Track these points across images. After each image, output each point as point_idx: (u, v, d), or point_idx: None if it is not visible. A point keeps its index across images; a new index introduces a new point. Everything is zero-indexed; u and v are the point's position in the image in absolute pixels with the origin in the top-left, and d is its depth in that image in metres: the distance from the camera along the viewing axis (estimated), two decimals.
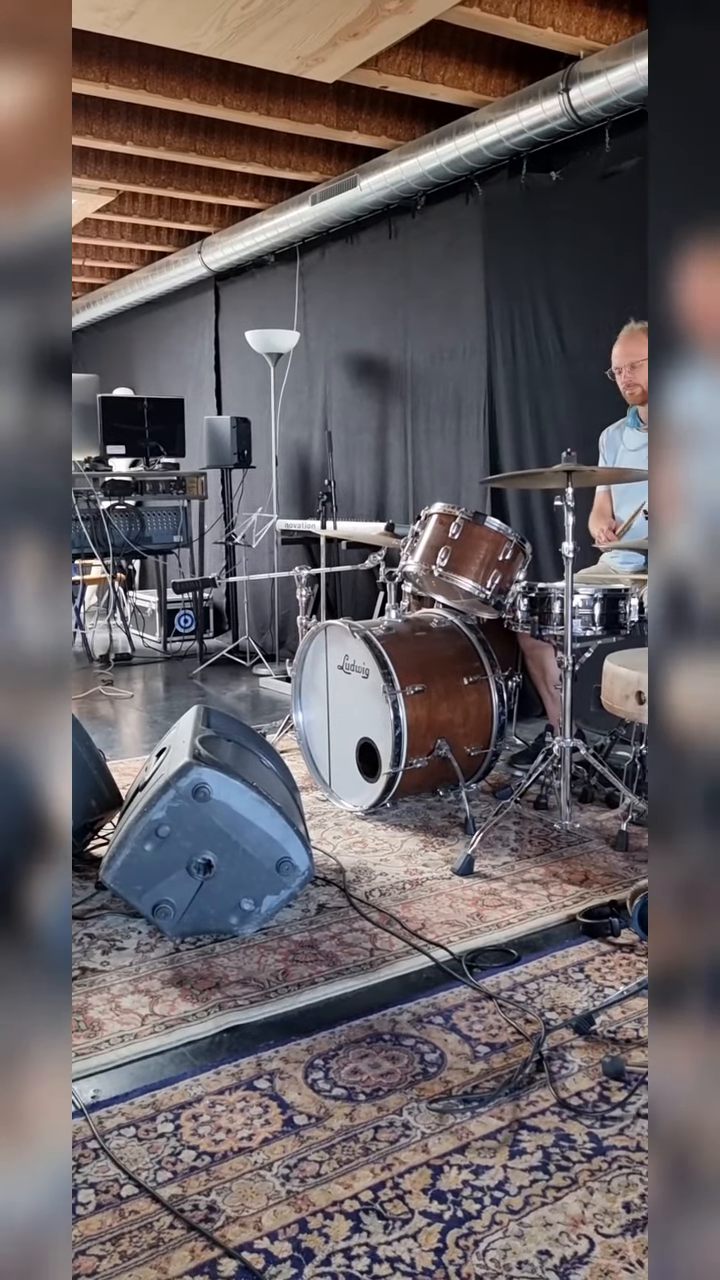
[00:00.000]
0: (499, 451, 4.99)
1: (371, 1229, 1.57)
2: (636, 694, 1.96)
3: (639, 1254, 1.51)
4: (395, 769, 3.24)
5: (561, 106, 4.13)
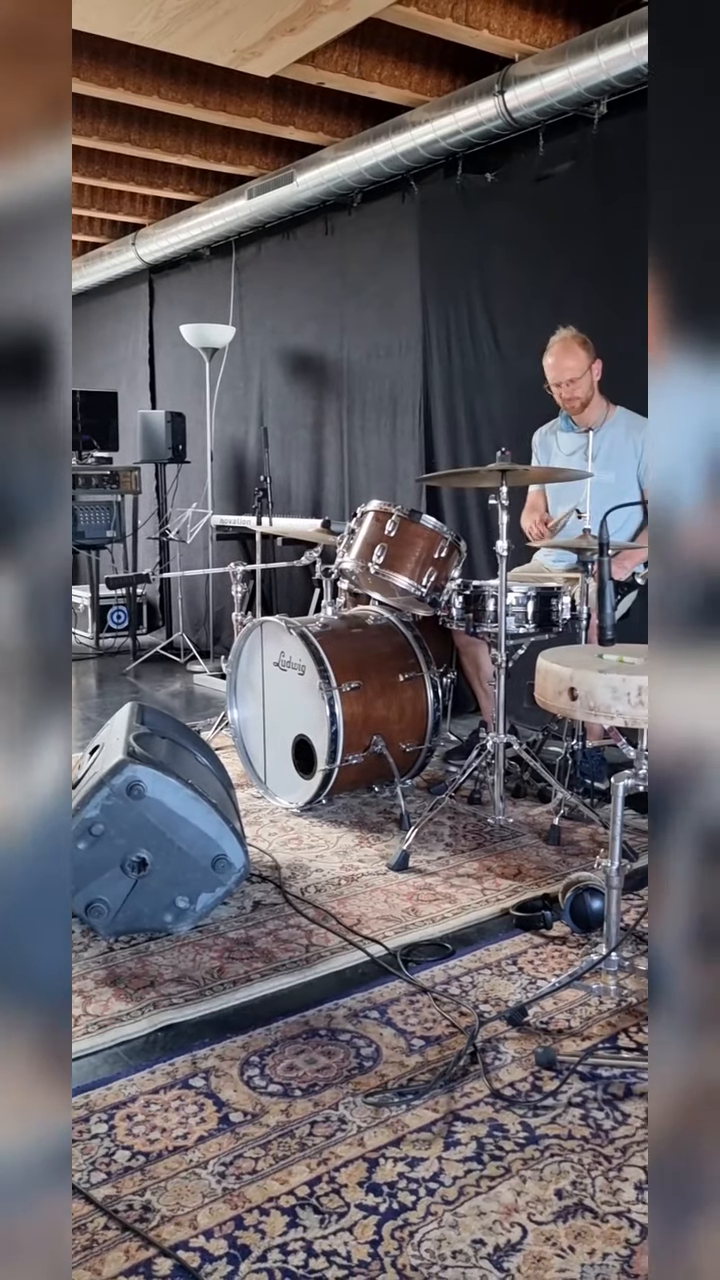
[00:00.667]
0: (434, 449, 5.03)
1: (308, 1223, 1.58)
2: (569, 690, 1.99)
3: (570, 1239, 1.54)
4: (331, 765, 3.25)
5: (497, 108, 4.17)
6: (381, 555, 3.33)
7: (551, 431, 3.94)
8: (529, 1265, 1.49)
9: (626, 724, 1.95)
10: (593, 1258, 1.51)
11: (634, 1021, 2.14)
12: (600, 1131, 1.79)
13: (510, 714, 3.56)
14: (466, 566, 3.54)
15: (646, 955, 2.42)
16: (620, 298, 4.10)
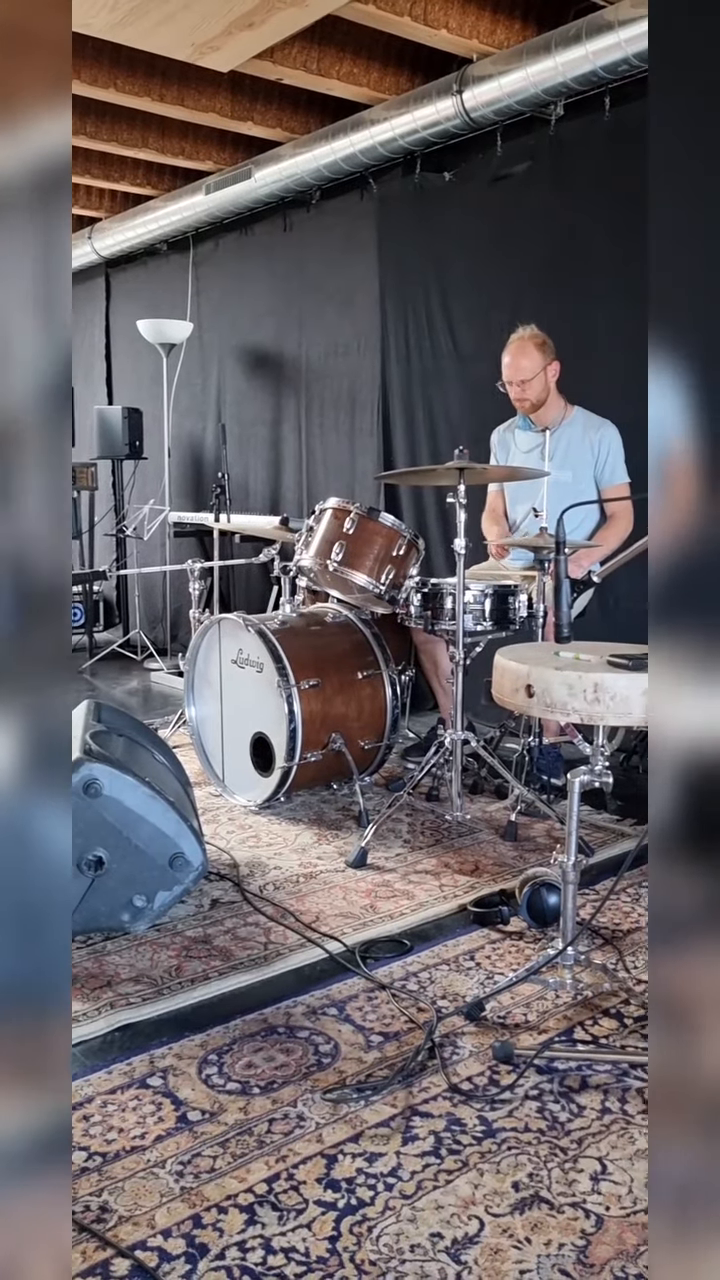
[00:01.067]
0: (393, 447, 5.04)
1: (266, 1221, 1.58)
2: (526, 687, 2.01)
3: (527, 1231, 1.56)
4: (289, 763, 3.24)
5: (455, 108, 4.18)
6: (340, 553, 3.33)
7: (509, 430, 3.97)
8: (486, 1257, 1.51)
9: (582, 720, 1.97)
10: (549, 1248, 1.52)
11: (590, 1015, 2.16)
12: (556, 1124, 1.81)
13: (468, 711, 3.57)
14: (425, 564, 3.55)
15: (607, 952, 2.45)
16: (578, 298, 4.14)
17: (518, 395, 3.73)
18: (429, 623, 3.30)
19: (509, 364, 3.72)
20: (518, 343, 3.72)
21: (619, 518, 3.68)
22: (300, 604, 3.75)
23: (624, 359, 4.00)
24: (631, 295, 3.97)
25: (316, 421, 5.53)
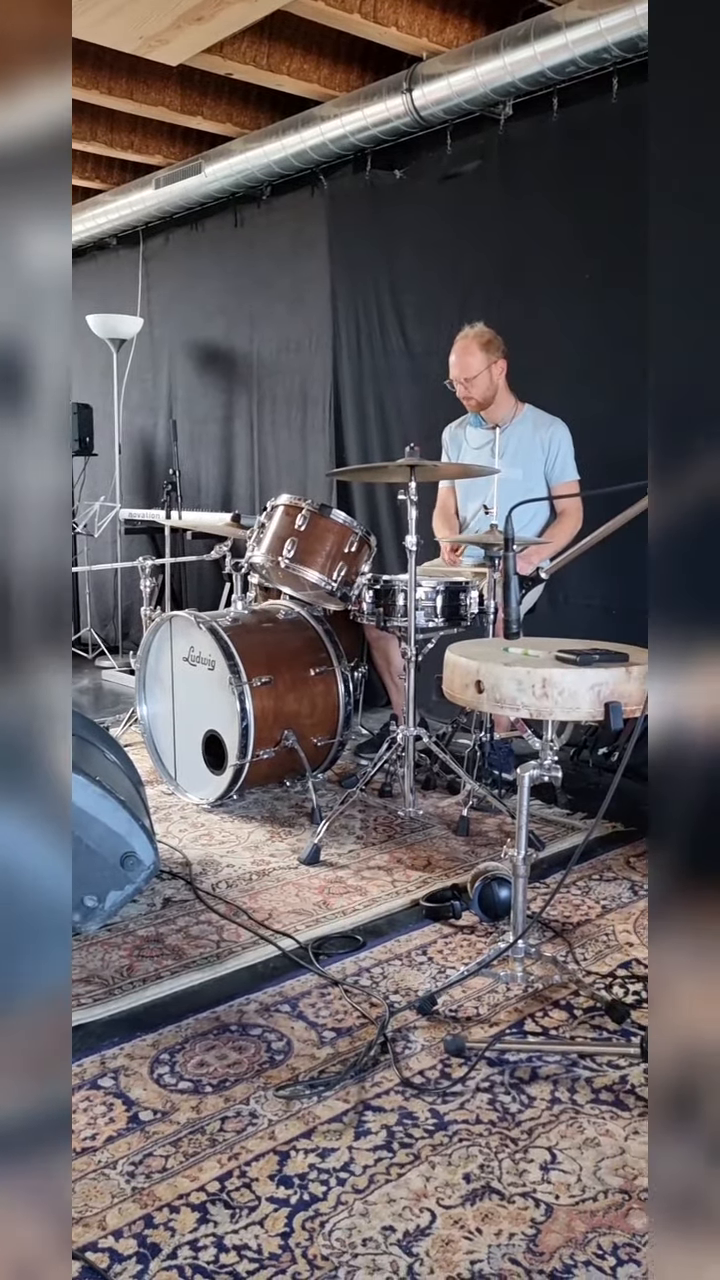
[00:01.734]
0: (345, 444, 5.04)
1: (218, 1219, 1.58)
2: (475, 683, 2.02)
3: (478, 1222, 1.57)
4: (242, 761, 3.24)
5: (405, 106, 4.19)
6: (292, 549, 3.33)
7: (461, 426, 3.99)
8: (438, 1249, 1.52)
9: (531, 715, 1.99)
10: (499, 1238, 1.54)
11: (540, 1007, 2.18)
12: (507, 1115, 1.82)
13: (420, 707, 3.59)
14: (377, 561, 3.56)
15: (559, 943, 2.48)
16: (527, 297, 4.17)
17: (463, 394, 3.76)
18: (381, 619, 3.31)
19: (454, 362, 3.75)
20: (463, 341, 3.74)
21: (569, 514, 3.72)
22: (252, 601, 3.74)
23: (574, 357, 4.04)
24: (580, 294, 4.00)
25: (268, 418, 5.52)
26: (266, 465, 5.56)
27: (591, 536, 2.04)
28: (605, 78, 3.77)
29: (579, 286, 4.01)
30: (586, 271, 3.98)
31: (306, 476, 5.26)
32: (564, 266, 4.04)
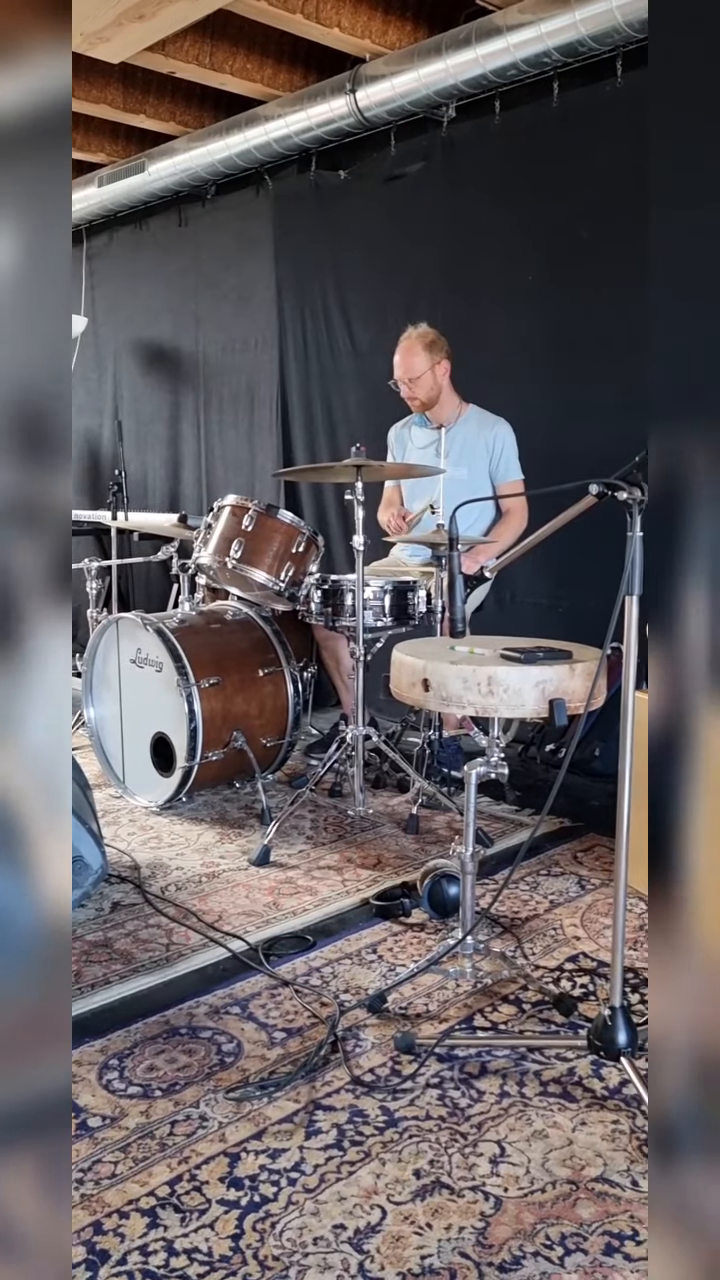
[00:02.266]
0: (292, 444, 5.03)
1: (168, 1223, 1.57)
2: (422, 681, 2.03)
3: (428, 1217, 1.58)
4: (191, 763, 3.22)
5: (348, 107, 4.20)
6: (239, 550, 3.32)
7: (406, 426, 4.01)
8: (388, 1245, 1.53)
9: (477, 713, 2.01)
10: (449, 1232, 1.55)
11: (489, 1002, 2.20)
12: (457, 1110, 1.84)
13: (370, 706, 3.60)
14: (325, 561, 3.56)
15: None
16: (471, 298, 4.20)
17: (407, 394, 3.78)
18: (330, 619, 3.31)
19: (398, 363, 3.76)
20: (406, 342, 3.76)
21: (514, 514, 3.75)
22: (200, 602, 3.72)
23: (517, 358, 4.07)
24: (523, 295, 4.04)
25: (215, 418, 5.49)
26: (214, 465, 5.54)
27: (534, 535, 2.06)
28: (546, 81, 3.81)
29: (522, 287, 4.04)
30: (529, 273, 4.02)
31: (254, 476, 5.25)
32: (507, 267, 4.08)
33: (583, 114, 3.77)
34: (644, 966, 2.35)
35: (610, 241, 3.74)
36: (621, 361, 3.74)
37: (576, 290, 3.88)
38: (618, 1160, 1.70)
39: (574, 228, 3.85)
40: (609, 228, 3.75)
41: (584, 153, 3.80)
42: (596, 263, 3.80)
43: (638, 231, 3.65)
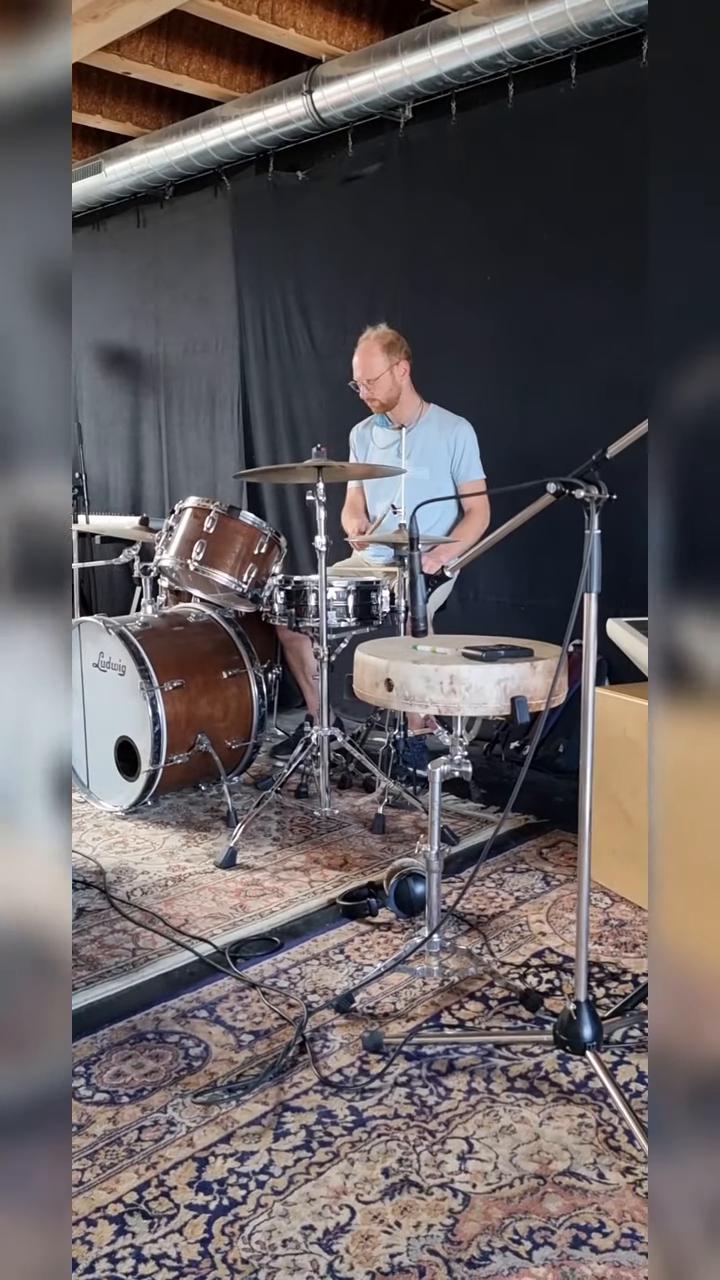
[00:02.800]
0: (254, 445, 5.03)
1: (136, 1229, 1.56)
2: (385, 681, 2.04)
3: (397, 1215, 1.58)
4: (155, 766, 3.21)
5: (305, 108, 4.20)
6: (201, 552, 3.31)
7: (368, 427, 4.01)
8: (357, 1245, 1.53)
9: (440, 712, 2.02)
10: (418, 1230, 1.55)
11: (456, 999, 2.21)
12: (425, 1108, 1.84)
13: (335, 706, 3.61)
14: (288, 562, 3.56)
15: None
16: (430, 298, 4.21)
17: (366, 395, 3.78)
18: (293, 620, 3.31)
19: (356, 364, 3.77)
20: (365, 343, 3.77)
21: (475, 513, 3.77)
22: (163, 604, 3.71)
23: (477, 357, 4.09)
24: (482, 294, 4.06)
25: (176, 420, 5.47)
26: (175, 467, 5.52)
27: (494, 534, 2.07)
28: (501, 83, 3.83)
29: (481, 287, 4.07)
30: (488, 273, 4.04)
31: (216, 478, 5.23)
32: (466, 268, 4.10)
33: (539, 115, 3.80)
34: (609, 961, 2.37)
35: (568, 241, 3.77)
36: (581, 361, 3.78)
37: (535, 290, 3.91)
38: (584, 1154, 1.72)
39: (531, 228, 3.88)
40: (566, 227, 3.77)
41: (541, 153, 3.83)
42: (554, 262, 3.82)
43: (595, 231, 3.69)
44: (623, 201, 3.58)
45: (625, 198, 3.57)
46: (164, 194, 5.24)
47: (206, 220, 5.11)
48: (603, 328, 3.70)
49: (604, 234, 3.66)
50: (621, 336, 3.62)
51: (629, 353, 3.58)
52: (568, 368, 3.82)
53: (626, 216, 3.57)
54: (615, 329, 3.65)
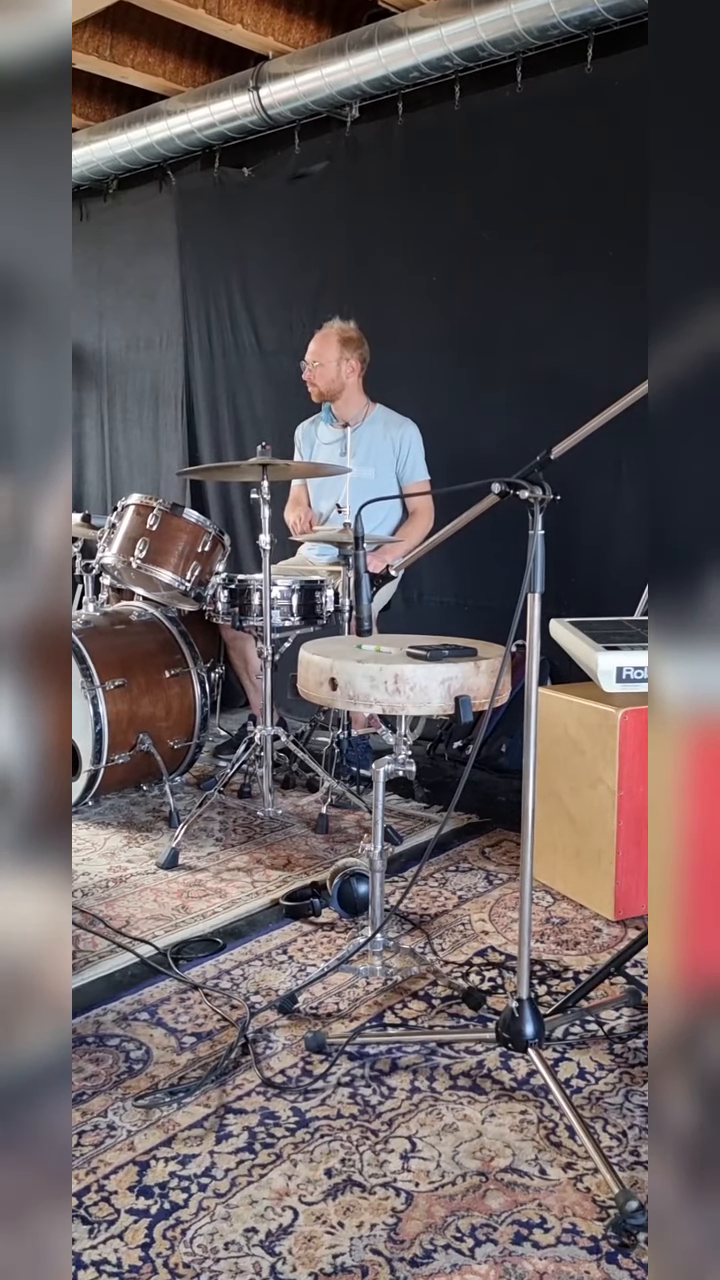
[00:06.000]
0: (198, 443, 4.99)
1: (76, 1235, 1.54)
2: (329, 680, 2.03)
3: (340, 1215, 1.58)
4: (96, 766, 3.17)
5: (252, 104, 4.18)
6: (144, 550, 3.28)
7: (314, 424, 4.01)
8: (300, 1246, 1.52)
9: (384, 711, 2.02)
10: (361, 1230, 1.55)
11: (399, 998, 2.21)
12: (368, 1107, 1.84)
13: (279, 706, 3.59)
14: (232, 561, 3.54)
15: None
16: (375, 298, 4.22)
17: (307, 376, 3.79)
18: (237, 619, 3.29)
19: (311, 346, 3.78)
20: (326, 331, 3.79)
21: (420, 513, 3.78)
22: (105, 603, 3.66)
23: (422, 357, 4.11)
24: (427, 295, 4.08)
25: (119, 416, 5.42)
26: (118, 464, 5.46)
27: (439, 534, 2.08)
28: (448, 84, 3.85)
29: (426, 288, 4.08)
30: (433, 274, 4.06)
31: (159, 475, 5.19)
32: (411, 268, 4.11)
33: (484, 118, 3.83)
34: (551, 958, 2.39)
35: (511, 243, 3.80)
36: (525, 362, 3.81)
37: (479, 291, 3.93)
38: (526, 1150, 1.73)
39: (475, 230, 3.90)
40: (511, 229, 3.80)
41: (485, 156, 3.85)
42: (498, 264, 3.85)
43: (539, 233, 3.72)
44: (567, 204, 3.62)
45: (570, 201, 3.61)
46: (107, 187, 5.18)
47: (151, 215, 5.06)
48: (547, 329, 3.74)
49: (547, 236, 3.69)
50: (566, 338, 3.66)
51: (573, 354, 3.62)
52: (512, 369, 3.85)
53: (570, 219, 3.61)
54: (559, 330, 3.68)
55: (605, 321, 3.51)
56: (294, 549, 4.00)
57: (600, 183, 3.51)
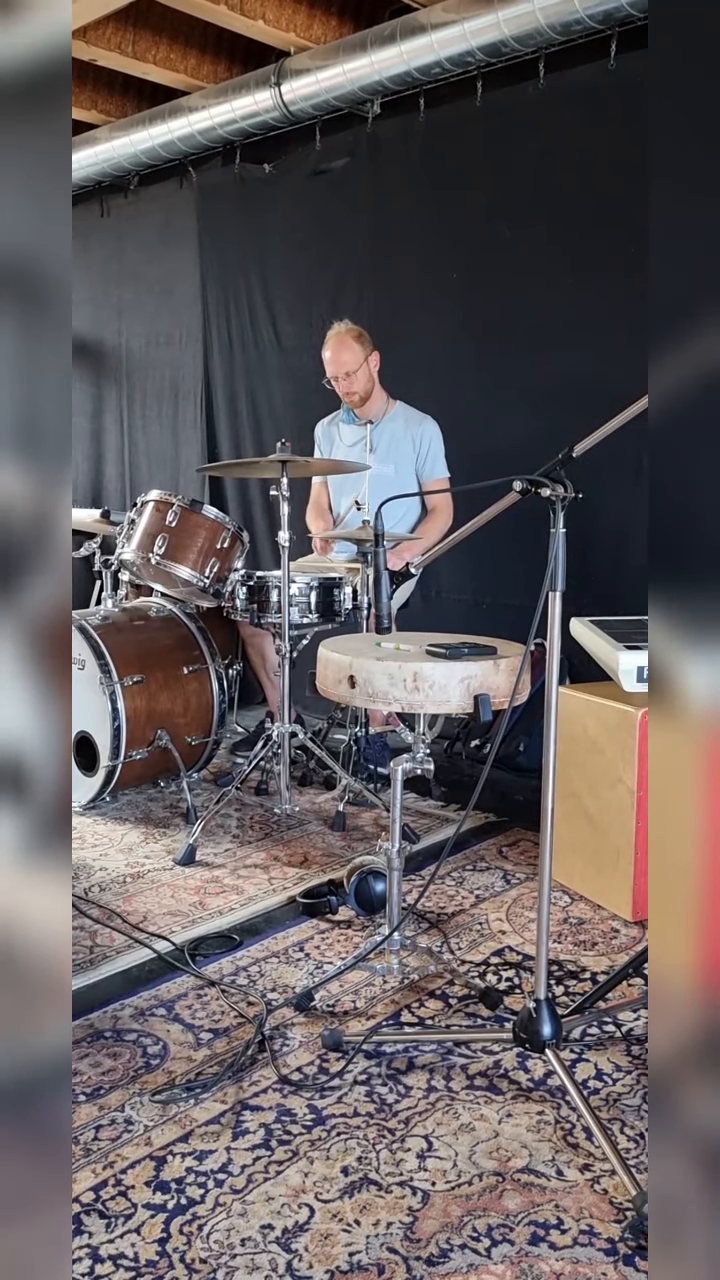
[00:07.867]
0: (217, 439, 4.99)
1: (93, 1229, 1.55)
2: (348, 678, 2.03)
3: (356, 1214, 1.58)
4: (114, 762, 3.17)
5: (273, 100, 4.17)
6: (163, 546, 3.28)
7: (334, 423, 4.00)
8: (316, 1243, 1.52)
9: (403, 709, 2.01)
10: (377, 1228, 1.55)
11: (416, 997, 2.21)
12: (384, 1106, 1.84)
13: (297, 703, 3.59)
14: (250, 557, 3.54)
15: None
16: (396, 294, 4.21)
17: (345, 389, 3.76)
18: (255, 616, 3.29)
19: (330, 359, 3.74)
20: (336, 337, 3.75)
21: (439, 511, 3.77)
22: (123, 599, 3.67)
23: (443, 354, 4.09)
24: (447, 291, 4.06)
25: (139, 412, 5.42)
26: (137, 460, 5.47)
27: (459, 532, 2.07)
28: (470, 80, 3.83)
29: (447, 284, 4.07)
30: (454, 270, 4.04)
31: (178, 472, 5.19)
32: (432, 264, 4.09)
33: (506, 114, 3.81)
34: (569, 959, 2.38)
35: (532, 239, 3.78)
36: (546, 359, 3.79)
37: (500, 288, 3.91)
38: (543, 1150, 1.72)
39: (496, 226, 3.89)
40: (532, 226, 3.78)
41: (508, 152, 3.83)
42: (519, 261, 3.83)
43: (561, 230, 3.70)
44: (589, 201, 3.60)
45: (592, 198, 3.59)
46: (129, 183, 5.19)
47: (171, 211, 5.06)
48: (567, 326, 3.72)
49: (568, 233, 3.67)
50: (585, 335, 3.64)
51: (593, 352, 3.60)
52: (534, 366, 3.83)
53: (592, 216, 3.59)
54: (579, 327, 3.66)
55: (626, 319, 3.49)
56: (312, 546, 4.00)
57: (622, 180, 3.49)
